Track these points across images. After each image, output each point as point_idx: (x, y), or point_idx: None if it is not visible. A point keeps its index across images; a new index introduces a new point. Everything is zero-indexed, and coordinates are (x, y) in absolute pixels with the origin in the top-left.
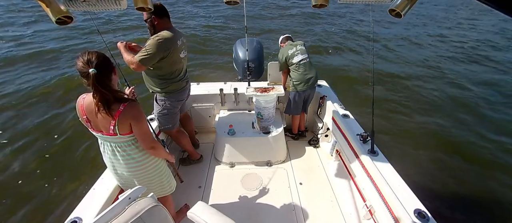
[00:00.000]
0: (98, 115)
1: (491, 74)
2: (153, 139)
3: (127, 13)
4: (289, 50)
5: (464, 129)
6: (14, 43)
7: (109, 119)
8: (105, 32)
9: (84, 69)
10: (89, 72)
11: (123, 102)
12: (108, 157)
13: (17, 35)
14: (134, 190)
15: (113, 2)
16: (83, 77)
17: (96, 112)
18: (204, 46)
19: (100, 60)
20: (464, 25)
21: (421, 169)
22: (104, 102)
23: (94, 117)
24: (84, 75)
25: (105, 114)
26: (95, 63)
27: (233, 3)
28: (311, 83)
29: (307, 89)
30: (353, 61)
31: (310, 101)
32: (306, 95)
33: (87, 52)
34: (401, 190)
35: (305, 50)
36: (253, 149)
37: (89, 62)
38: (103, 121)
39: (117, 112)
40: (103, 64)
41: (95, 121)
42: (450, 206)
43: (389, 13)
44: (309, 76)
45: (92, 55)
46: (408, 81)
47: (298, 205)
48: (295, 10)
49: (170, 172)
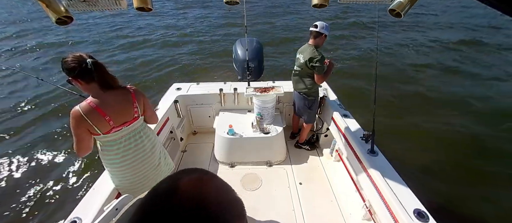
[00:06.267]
0: (117, 106)
1: (492, 75)
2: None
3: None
4: (297, 53)
5: (464, 129)
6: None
7: (130, 102)
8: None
9: (81, 63)
10: (88, 62)
11: (122, 87)
12: (132, 156)
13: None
14: (120, 199)
15: (113, 2)
16: (77, 78)
17: (114, 104)
18: (204, 46)
19: (85, 53)
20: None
21: (421, 169)
22: (119, 85)
23: (115, 111)
24: (81, 72)
25: (124, 96)
26: (87, 55)
27: (233, 3)
28: (295, 88)
29: (293, 91)
30: (353, 60)
31: (297, 105)
32: (293, 96)
33: (69, 55)
34: (401, 190)
35: (303, 63)
36: (253, 149)
37: (80, 58)
38: (125, 108)
39: (131, 94)
40: (90, 56)
41: (117, 115)
42: (450, 206)
43: (389, 13)
44: (295, 84)
45: (76, 53)
46: (408, 81)
47: (298, 205)
48: (295, 10)
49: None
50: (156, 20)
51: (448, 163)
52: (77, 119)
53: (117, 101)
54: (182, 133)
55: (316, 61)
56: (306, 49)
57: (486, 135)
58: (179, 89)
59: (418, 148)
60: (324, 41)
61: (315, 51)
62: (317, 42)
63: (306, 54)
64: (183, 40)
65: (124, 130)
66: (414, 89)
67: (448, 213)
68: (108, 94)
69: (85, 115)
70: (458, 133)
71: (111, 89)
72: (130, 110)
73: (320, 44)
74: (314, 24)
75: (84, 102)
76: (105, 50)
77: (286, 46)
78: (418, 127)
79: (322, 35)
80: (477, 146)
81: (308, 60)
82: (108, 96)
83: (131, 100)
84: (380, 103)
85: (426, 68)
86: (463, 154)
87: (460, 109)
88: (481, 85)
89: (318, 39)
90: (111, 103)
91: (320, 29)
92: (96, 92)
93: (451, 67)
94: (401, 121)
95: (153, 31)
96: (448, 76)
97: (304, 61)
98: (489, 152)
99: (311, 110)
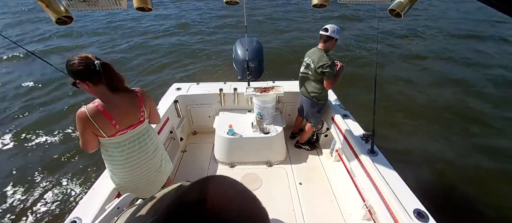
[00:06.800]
0: (124, 109)
1: (494, 76)
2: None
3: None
4: (305, 57)
5: (464, 129)
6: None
7: (136, 106)
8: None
9: (89, 65)
10: (96, 64)
11: (129, 90)
12: (136, 158)
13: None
14: (122, 198)
15: (113, 2)
16: (85, 80)
17: (121, 106)
18: (204, 46)
19: (92, 55)
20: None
21: (421, 169)
22: (126, 87)
23: (121, 115)
24: (89, 74)
25: (131, 100)
26: (94, 56)
27: (233, 3)
28: (303, 92)
29: (301, 94)
30: (353, 61)
31: (305, 109)
32: (301, 100)
33: (74, 57)
34: (401, 190)
35: (313, 68)
36: (253, 149)
37: (87, 59)
38: (132, 111)
39: (138, 98)
40: (96, 57)
41: (123, 118)
42: (450, 206)
43: (389, 13)
44: (303, 89)
45: (81, 55)
46: (408, 81)
47: (298, 205)
48: (295, 9)
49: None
50: (156, 20)
51: (448, 163)
52: (83, 121)
53: (124, 105)
54: (182, 133)
55: (326, 67)
56: (315, 54)
57: (486, 135)
58: (179, 89)
59: (418, 148)
60: (334, 45)
61: (324, 56)
62: (327, 47)
63: (316, 59)
64: (183, 39)
65: (129, 133)
66: (415, 89)
67: (448, 213)
68: (115, 97)
69: (91, 117)
70: (458, 133)
71: (119, 92)
72: (136, 114)
73: (330, 49)
74: (325, 27)
75: (91, 105)
76: (105, 52)
77: (286, 45)
78: (419, 127)
79: (333, 39)
80: (477, 146)
81: (318, 66)
82: (115, 99)
83: (138, 104)
84: (380, 103)
85: (426, 68)
86: (463, 153)
87: (460, 110)
88: (481, 86)
89: (328, 43)
90: (118, 106)
91: (331, 33)
92: (103, 95)
93: (451, 67)
94: (401, 121)
95: (152, 30)
96: (448, 77)
97: (314, 66)
98: (489, 152)
99: (320, 114)
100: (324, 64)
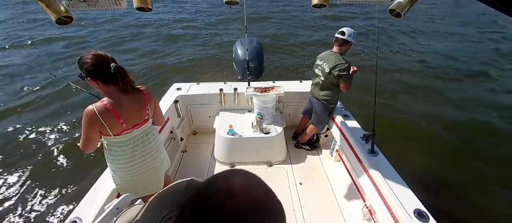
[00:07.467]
0: (131, 108)
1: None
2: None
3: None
4: (317, 60)
5: (465, 130)
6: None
7: (143, 105)
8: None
9: (104, 66)
10: (111, 67)
11: (136, 89)
12: (139, 157)
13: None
14: (121, 198)
15: (113, 2)
16: (96, 80)
17: (128, 105)
18: (204, 46)
19: (107, 55)
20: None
21: (421, 169)
22: (135, 89)
23: (128, 113)
24: (102, 75)
25: (138, 98)
26: (109, 57)
27: (233, 3)
28: (315, 95)
29: (311, 96)
30: (353, 61)
31: (315, 112)
32: (311, 102)
33: (90, 54)
34: (401, 190)
35: (327, 72)
36: (253, 149)
37: (102, 59)
38: (138, 110)
39: (144, 96)
40: (112, 59)
41: (129, 117)
42: (450, 206)
43: (389, 13)
44: (316, 91)
45: (96, 53)
46: (409, 82)
47: (298, 205)
48: (295, 9)
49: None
50: (157, 20)
51: (449, 163)
52: (91, 119)
53: (131, 104)
54: (182, 133)
55: (344, 70)
56: (329, 57)
57: (487, 135)
58: (179, 89)
59: (418, 148)
60: (348, 49)
61: (341, 59)
62: (342, 50)
63: (331, 62)
64: (183, 39)
65: (134, 132)
66: (415, 90)
67: (448, 213)
68: (123, 96)
69: (99, 115)
70: (458, 133)
71: (127, 92)
72: (142, 113)
73: (345, 52)
74: (341, 30)
75: (100, 103)
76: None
77: (286, 46)
78: (419, 127)
79: (348, 43)
80: (478, 146)
81: (333, 69)
82: (123, 98)
83: (144, 102)
84: (380, 103)
85: (427, 69)
86: (463, 154)
87: (460, 110)
88: (482, 87)
89: (343, 47)
90: (125, 105)
91: (347, 36)
92: (112, 94)
93: (452, 68)
94: (402, 121)
95: (152, 30)
96: (449, 77)
97: (329, 70)
98: (489, 152)
99: (329, 117)
100: (341, 67)
